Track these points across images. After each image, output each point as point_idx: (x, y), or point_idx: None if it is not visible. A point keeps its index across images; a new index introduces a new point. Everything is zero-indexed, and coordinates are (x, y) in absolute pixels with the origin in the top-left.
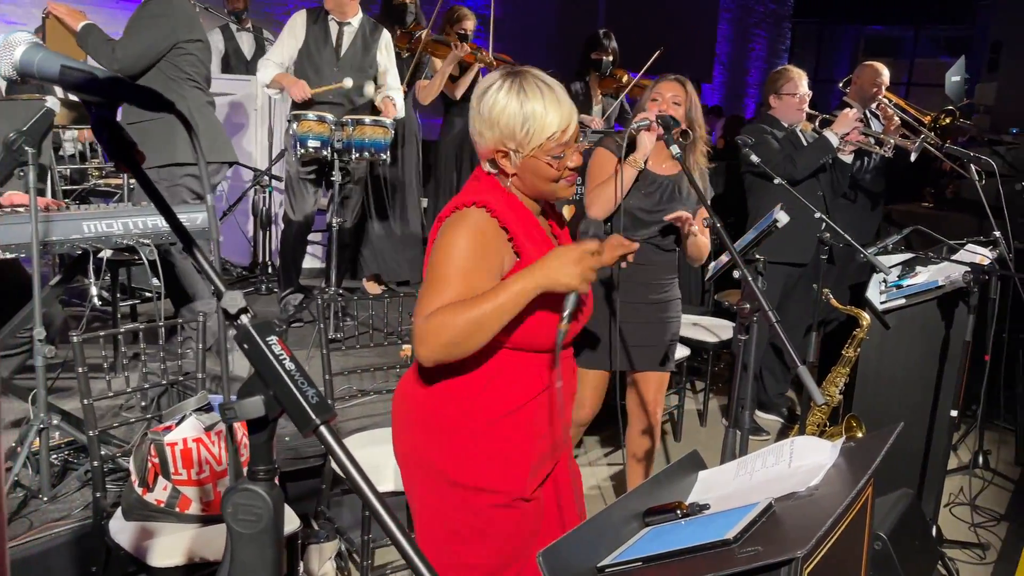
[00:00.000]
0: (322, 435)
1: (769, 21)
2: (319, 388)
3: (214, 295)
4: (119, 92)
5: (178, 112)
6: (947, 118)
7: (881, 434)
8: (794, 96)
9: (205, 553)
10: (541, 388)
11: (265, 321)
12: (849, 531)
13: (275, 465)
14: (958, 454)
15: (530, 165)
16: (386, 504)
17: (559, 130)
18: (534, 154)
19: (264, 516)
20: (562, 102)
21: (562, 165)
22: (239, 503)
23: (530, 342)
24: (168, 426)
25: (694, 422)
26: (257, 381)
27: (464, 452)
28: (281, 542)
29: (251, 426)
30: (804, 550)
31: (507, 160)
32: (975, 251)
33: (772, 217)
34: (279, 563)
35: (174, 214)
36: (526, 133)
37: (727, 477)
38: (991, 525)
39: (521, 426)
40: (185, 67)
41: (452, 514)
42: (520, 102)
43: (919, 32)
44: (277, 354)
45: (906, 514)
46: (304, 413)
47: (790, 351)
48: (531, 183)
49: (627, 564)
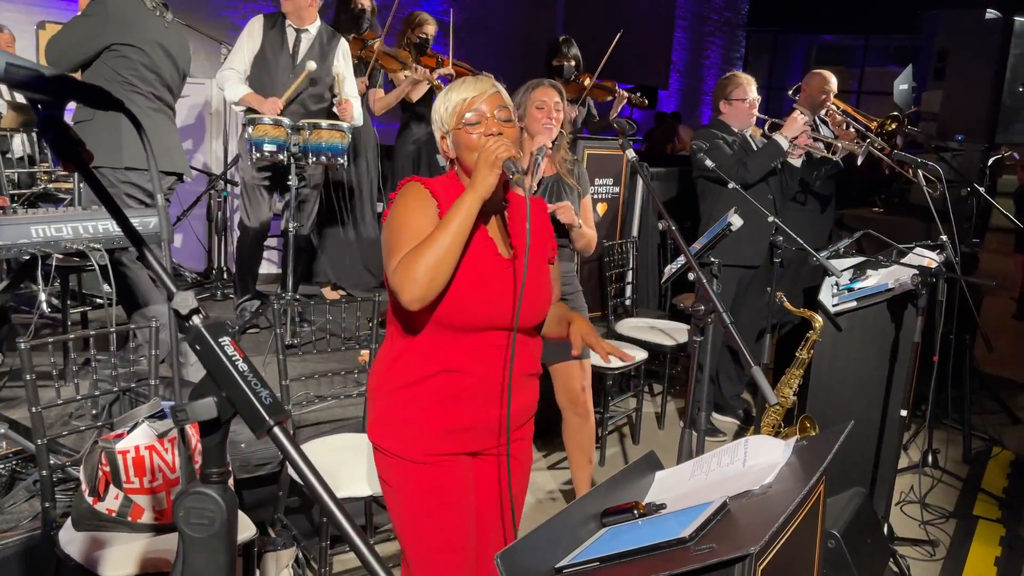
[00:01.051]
0: (276, 436)
1: (724, 29)
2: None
3: (167, 299)
4: (66, 90)
5: (126, 110)
6: (893, 124)
7: (832, 432)
8: (744, 101)
9: (158, 562)
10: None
11: (217, 322)
12: (802, 528)
13: (228, 468)
14: (908, 453)
15: (456, 139)
16: (342, 506)
17: (468, 98)
18: (455, 126)
19: (217, 520)
20: (479, 81)
21: (481, 130)
22: (191, 506)
23: (443, 316)
24: (120, 434)
25: (652, 425)
26: (209, 383)
27: (379, 415)
28: (234, 546)
29: (203, 428)
30: (758, 547)
31: (446, 144)
32: (923, 254)
33: (726, 220)
34: (232, 568)
35: (124, 215)
36: (447, 110)
37: (683, 477)
38: (940, 522)
39: (427, 394)
40: (122, 71)
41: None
42: (445, 92)
43: (869, 41)
44: (230, 355)
45: (859, 513)
46: (257, 414)
47: (744, 353)
48: (466, 162)
49: (584, 564)
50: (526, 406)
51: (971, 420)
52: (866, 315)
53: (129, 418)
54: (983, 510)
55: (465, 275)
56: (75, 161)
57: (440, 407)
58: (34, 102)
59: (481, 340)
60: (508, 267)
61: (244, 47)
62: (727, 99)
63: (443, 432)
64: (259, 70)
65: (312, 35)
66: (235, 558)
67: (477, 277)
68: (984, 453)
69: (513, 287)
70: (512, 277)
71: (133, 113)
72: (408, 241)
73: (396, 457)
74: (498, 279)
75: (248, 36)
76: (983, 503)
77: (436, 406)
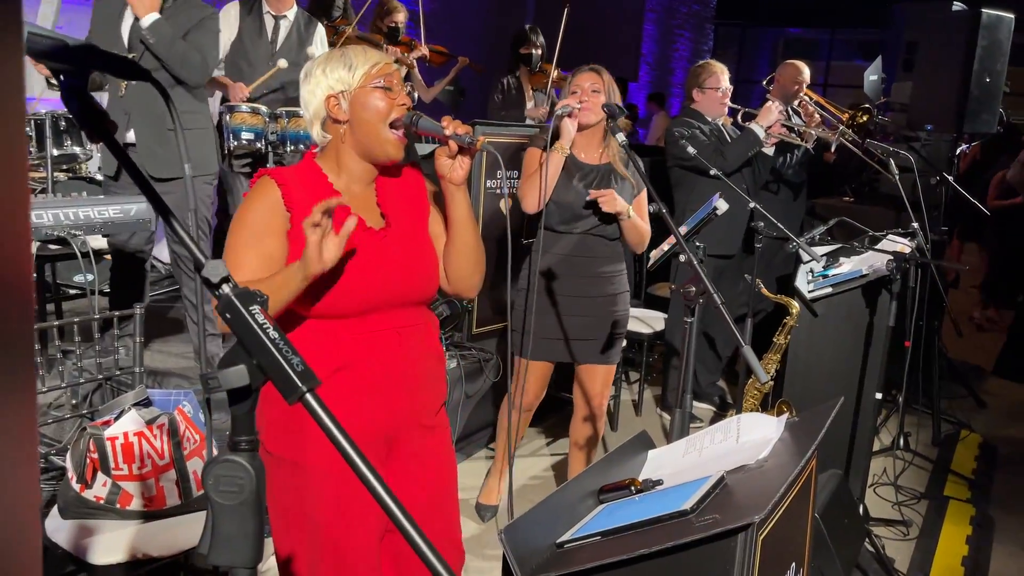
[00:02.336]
0: (308, 402)
1: (692, 22)
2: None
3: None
4: (90, 60)
5: (153, 80)
6: (864, 115)
7: (824, 408)
8: (716, 90)
9: (148, 549)
10: (338, 363)
11: (247, 291)
12: (797, 501)
13: (257, 436)
14: (880, 437)
15: (360, 101)
16: (376, 473)
17: (382, 61)
18: (363, 85)
19: (246, 487)
20: (382, 54)
21: (390, 97)
22: (221, 474)
23: (318, 307)
24: (106, 421)
25: (629, 412)
26: (240, 351)
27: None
28: (263, 513)
29: (233, 396)
30: (760, 515)
31: (339, 106)
32: (896, 241)
33: (712, 205)
34: (261, 534)
35: (151, 186)
36: (350, 68)
37: (676, 455)
38: (913, 503)
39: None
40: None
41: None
42: (342, 52)
43: (834, 35)
44: (260, 323)
45: (836, 494)
46: (290, 380)
47: (735, 332)
48: (361, 133)
49: (586, 539)
50: (438, 393)
51: (940, 405)
52: (841, 301)
53: (115, 406)
54: (953, 491)
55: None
56: (99, 131)
57: (344, 409)
58: (56, 72)
59: (371, 325)
60: (380, 238)
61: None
62: (700, 88)
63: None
64: (237, 57)
65: (290, 21)
66: (263, 525)
67: (344, 255)
68: (953, 436)
69: (390, 258)
70: (384, 250)
71: (160, 83)
72: (249, 254)
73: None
74: (371, 254)
75: (224, 23)
76: (953, 484)
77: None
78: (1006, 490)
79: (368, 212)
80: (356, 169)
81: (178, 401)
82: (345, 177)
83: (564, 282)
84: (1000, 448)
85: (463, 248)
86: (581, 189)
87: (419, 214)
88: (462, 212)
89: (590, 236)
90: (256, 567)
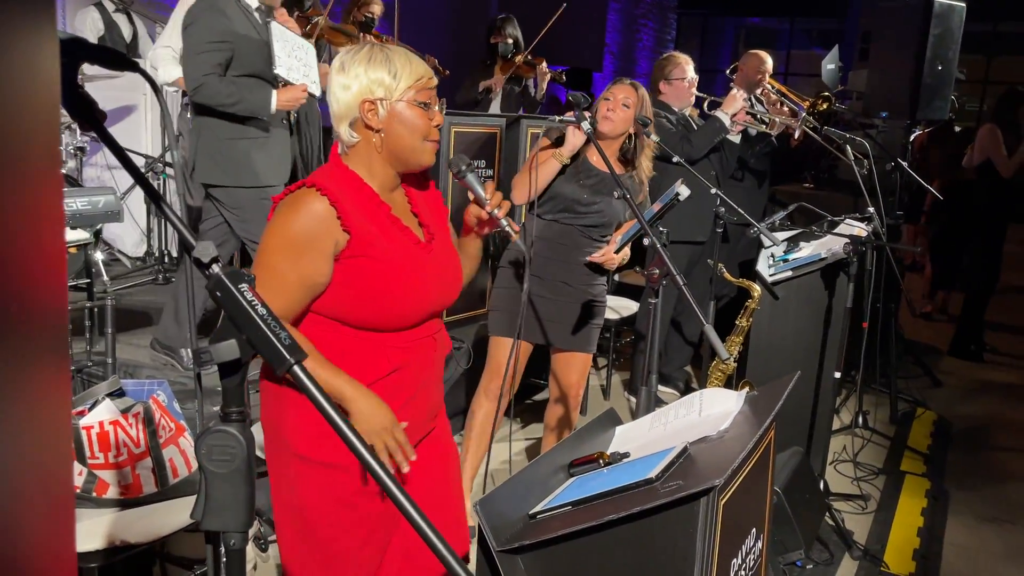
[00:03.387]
0: (296, 374)
1: (655, 12)
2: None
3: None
4: (80, 52)
5: (142, 71)
6: (824, 103)
7: (780, 382)
8: (683, 81)
9: (125, 536)
10: (388, 369)
11: (235, 271)
12: (756, 470)
13: (247, 408)
14: (840, 416)
15: (399, 114)
16: (365, 442)
17: (425, 76)
18: (403, 97)
19: (238, 455)
20: (424, 64)
21: (429, 116)
22: (213, 444)
23: (374, 321)
24: (81, 411)
25: (598, 396)
26: (230, 326)
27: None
28: (253, 480)
29: (224, 369)
30: (721, 479)
31: (374, 113)
32: (853, 225)
33: (674, 191)
34: (252, 500)
35: (142, 173)
36: (393, 76)
37: (643, 429)
38: (871, 478)
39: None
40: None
41: (294, 483)
42: (385, 55)
43: (794, 25)
44: (249, 300)
45: (797, 470)
46: (279, 353)
47: (697, 312)
48: (395, 144)
49: (557, 509)
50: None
51: (897, 384)
52: (801, 284)
53: (88, 396)
54: (910, 466)
55: (388, 272)
56: (90, 120)
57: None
58: None
59: (416, 334)
60: (427, 252)
61: (179, 25)
62: (667, 79)
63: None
64: None
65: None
66: (254, 491)
67: (402, 270)
68: (909, 414)
69: (435, 271)
70: (432, 262)
71: (150, 76)
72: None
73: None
74: (420, 267)
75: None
76: (909, 459)
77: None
78: (960, 464)
79: (410, 223)
80: (386, 175)
81: (152, 390)
82: (384, 186)
83: (546, 266)
84: (954, 425)
85: (469, 273)
86: (578, 187)
87: (444, 220)
88: (475, 249)
89: (577, 230)
90: (248, 531)
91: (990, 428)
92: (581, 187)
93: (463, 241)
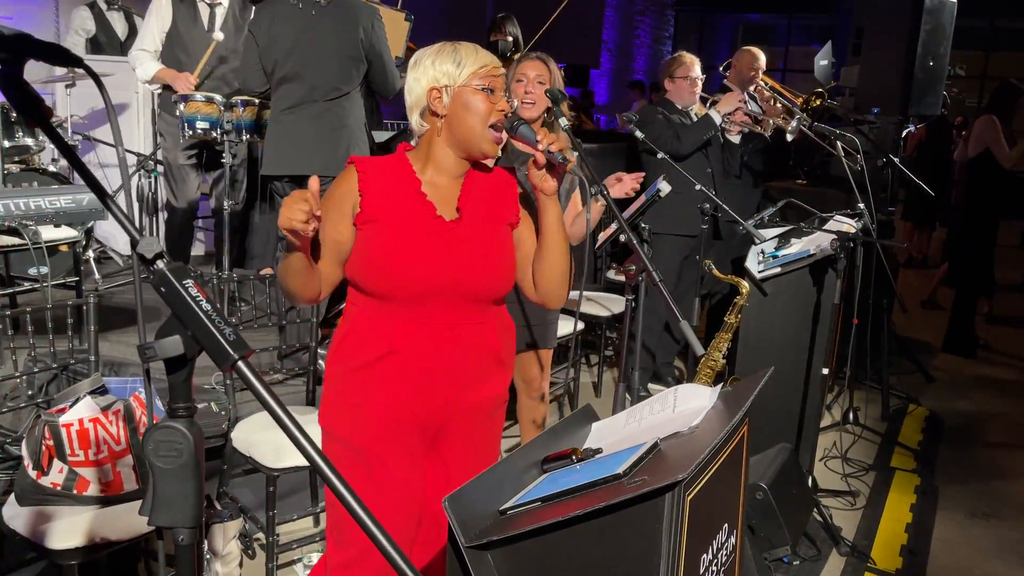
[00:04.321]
0: (240, 369)
1: (653, 9)
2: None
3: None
4: (26, 48)
5: (86, 66)
6: (817, 100)
7: (754, 378)
8: (687, 79)
9: (106, 533)
10: (385, 349)
11: (180, 266)
12: (728, 464)
13: (194, 404)
14: (831, 412)
15: (463, 99)
16: (310, 439)
17: (490, 64)
18: (467, 83)
19: (185, 451)
20: (492, 54)
21: (493, 100)
22: (160, 440)
23: (378, 285)
24: (61, 408)
25: (589, 393)
26: (175, 322)
27: (326, 398)
28: (202, 475)
29: (170, 365)
30: (686, 474)
31: (440, 100)
32: (842, 221)
33: (656, 187)
34: (200, 494)
35: (87, 169)
36: (458, 64)
37: (618, 426)
38: (861, 475)
39: (374, 378)
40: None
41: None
42: (454, 47)
43: (792, 21)
44: (194, 296)
45: (785, 466)
46: (222, 349)
47: (673, 309)
48: (458, 128)
49: (527, 505)
50: (494, 393)
51: (889, 380)
52: (790, 280)
53: (70, 393)
54: (900, 462)
55: (395, 239)
56: (35, 116)
57: (386, 393)
58: None
59: (426, 314)
60: (448, 229)
61: (153, 25)
62: (671, 77)
63: (391, 421)
64: (173, 47)
65: (225, 7)
66: (203, 485)
67: (410, 239)
68: (901, 410)
69: (455, 250)
70: (452, 241)
71: (93, 70)
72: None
73: (340, 442)
74: (435, 242)
75: (156, 14)
76: (900, 456)
77: (382, 392)
78: (950, 460)
79: (445, 204)
80: (447, 162)
81: (134, 388)
82: (432, 169)
83: None
84: (946, 420)
85: (550, 256)
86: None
87: (502, 214)
88: (551, 220)
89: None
90: (198, 527)
91: (982, 424)
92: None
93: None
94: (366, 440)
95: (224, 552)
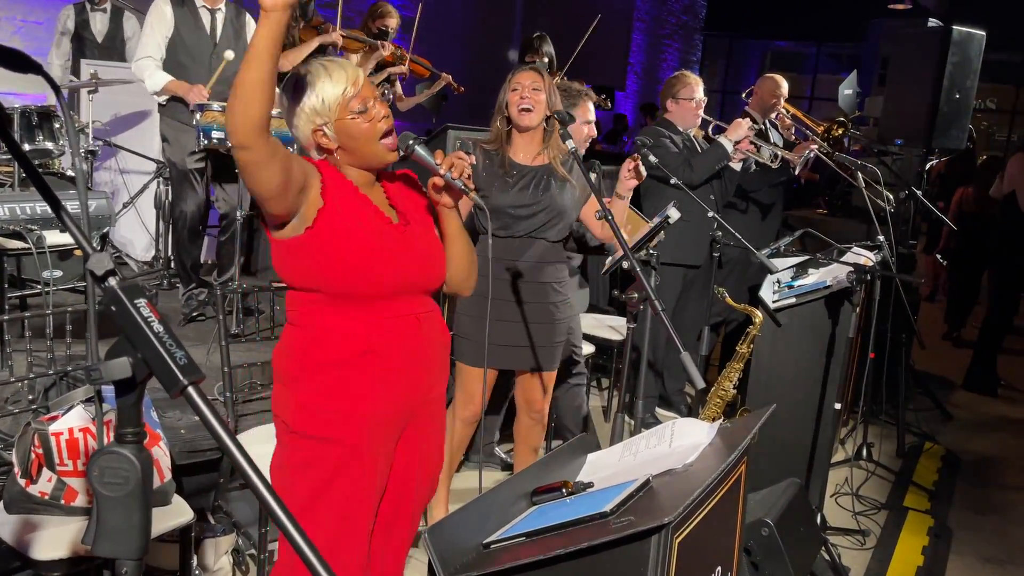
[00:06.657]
0: (189, 395)
1: (680, 33)
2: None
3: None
4: None
5: (44, 73)
6: (839, 129)
7: (754, 415)
8: (691, 101)
9: None
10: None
11: (133, 284)
12: (723, 504)
13: (143, 429)
14: (845, 448)
15: (344, 129)
16: (255, 467)
17: (348, 85)
18: (340, 117)
19: (131, 479)
20: (344, 66)
21: (370, 118)
22: (105, 466)
23: (345, 286)
24: (54, 416)
25: (599, 418)
26: (125, 344)
27: (298, 401)
28: (149, 506)
29: (118, 388)
30: (673, 517)
31: (326, 137)
32: (860, 253)
33: (665, 214)
34: (147, 527)
35: (42, 179)
36: (322, 102)
37: (613, 458)
38: (872, 513)
39: (354, 377)
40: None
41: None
42: (308, 84)
43: (820, 49)
44: (145, 316)
45: (793, 502)
46: (172, 374)
47: (674, 338)
48: (355, 151)
49: (511, 539)
50: (445, 377)
51: (905, 416)
52: (804, 311)
53: (65, 401)
54: (913, 502)
55: (357, 242)
56: None
57: (371, 390)
58: None
59: (395, 311)
60: (400, 231)
61: (155, 33)
62: (674, 98)
63: (372, 415)
64: (178, 54)
65: (224, 13)
66: (150, 517)
67: (371, 242)
68: (917, 448)
69: (410, 248)
70: (405, 240)
71: (51, 76)
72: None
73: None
74: (392, 243)
75: (158, 21)
76: (914, 495)
77: (363, 388)
78: (966, 502)
79: (384, 208)
80: (361, 178)
81: None
82: (353, 181)
83: (506, 287)
84: (963, 459)
85: (457, 256)
86: (517, 192)
87: (426, 212)
88: (454, 228)
89: (530, 239)
90: (142, 559)
91: (1000, 465)
92: (521, 192)
93: (441, 223)
94: (350, 435)
95: (215, 568)
